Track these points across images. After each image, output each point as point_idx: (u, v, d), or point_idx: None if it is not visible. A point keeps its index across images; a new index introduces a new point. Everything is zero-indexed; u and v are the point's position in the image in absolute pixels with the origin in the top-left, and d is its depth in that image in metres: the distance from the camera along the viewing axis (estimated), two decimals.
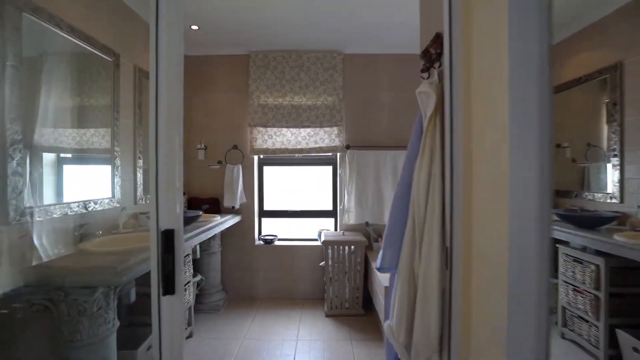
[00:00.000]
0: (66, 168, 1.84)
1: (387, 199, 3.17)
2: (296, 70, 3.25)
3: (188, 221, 2.31)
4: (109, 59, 2.11)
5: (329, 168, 3.48)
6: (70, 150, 1.85)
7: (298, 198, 3.53)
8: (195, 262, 3.02)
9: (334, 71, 3.24)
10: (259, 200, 3.47)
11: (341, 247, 2.91)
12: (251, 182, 3.35)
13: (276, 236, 3.44)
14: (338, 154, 3.36)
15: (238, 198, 3.20)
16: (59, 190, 1.77)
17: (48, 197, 1.71)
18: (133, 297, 1.77)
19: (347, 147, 3.22)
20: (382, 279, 2.33)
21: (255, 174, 3.40)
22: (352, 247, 2.92)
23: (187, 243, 2.03)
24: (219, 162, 3.31)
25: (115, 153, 2.17)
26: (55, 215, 1.69)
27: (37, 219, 1.60)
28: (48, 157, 1.73)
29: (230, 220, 2.96)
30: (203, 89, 3.35)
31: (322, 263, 3.13)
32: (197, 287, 2.86)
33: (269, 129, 3.28)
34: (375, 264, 1.34)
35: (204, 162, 3.32)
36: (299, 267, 3.32)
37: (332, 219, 3.48)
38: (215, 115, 3.35)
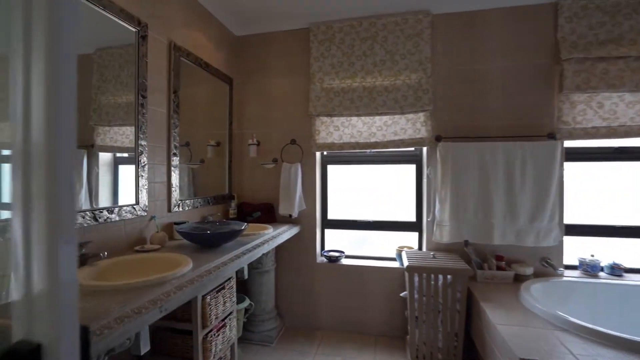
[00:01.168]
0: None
1: (498, 209, 2.25)
2: (368, 43, 2.53)
3: (227, 237, 1.75)
4: (132, 29, 1.66)
5: (412, 167, 2.67)
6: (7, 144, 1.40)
7: (371, 205, 2.80)
8: (243, 283, 2.50)
9: (419, 39, 2.44)
10: (321, 207, 2.83)
11: (432, 276, 2.10)
12: (312, 185, 2.72)
13: (343, 253, 2.75)
14: (425, 149, 2.54)
15: (296, 205, 2.60)
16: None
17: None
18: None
19: (438, 138, 2.39)
20: (505, 332, 1.48)
21: (318, 175, 2.76)
22: (449, 277, 2.08)
23: (225, 269, 1.46)
24: (274, 160, 2.75)
25: (139, 149, 1.71)
26: None
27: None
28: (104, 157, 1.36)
29: (286, 233, 2.37)
30: (256, 73, 2.84)
31: (404, 294, 2.34)
32: (244, 315, 2.31)
33: (334, 118, 2.62)
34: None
35: (257, 160, 2.80)
36: (371, 293, 2.58)
37: (416, 234, 2.67)
38: (270, 104, 2.80)
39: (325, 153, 2.81)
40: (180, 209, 2.05)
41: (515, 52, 2.32)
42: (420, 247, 2.63)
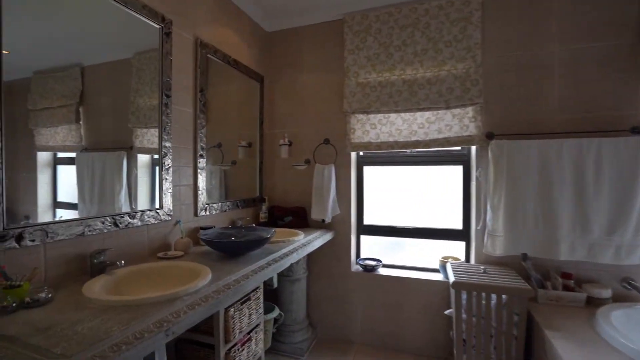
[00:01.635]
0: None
1: (565, 219, 1.91)
2: (409, 31, 2.28)
3: (253, 246, 1.62)
4: (156, 25, 1.59)
5: (459, 168, 2.38)
6: (69, 147, 1.35)
7: (411, 211, 2.55)
8: (273, 292, 2.38)
9: (467, 23, 2.15)
10: (357, 211, 2.63)
11: (484, 295, 1.82)
12: (347, 188, 2.53)
13: (380, 262, 2.53)
14: (473, 148, 2.24)
15: (329, 209, 2.43)
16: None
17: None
18: None
19: (490, 135, 2.09)
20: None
21: (353, 177, 2.56)
22: (504, 296, 1.79)
23: (247, 283, 1.33)
24: (307, 162, 2.61)
25: (163, 150, 1.64)
26: (62, 237, 1.19)
27: (30, 242, 1.10)
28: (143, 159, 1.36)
29: (318, 240, 2.20)
30: (287, 70, 2.71)
31: (449, 312, 2.08)
32: (274, 325, 2.19)
33: (371, 115, 2.41)
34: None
35: (289, 162, 2.67)
36: (411, 307, 2.34)
37: (463, 243, 2.37)
38: (302, 102, 2.66)
39: (361, 153, 2.61)
40: (208, 213, 1.97)
41: (587, 31, 1.95)
42: (467, 259, 2.34)
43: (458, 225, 2.38)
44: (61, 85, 1.20)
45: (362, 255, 2.65)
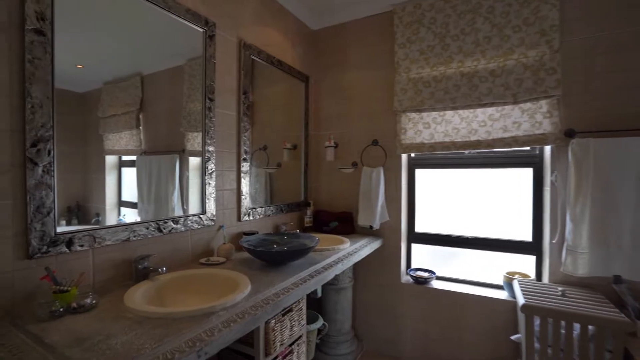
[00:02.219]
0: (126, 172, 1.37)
1: None
2: (468, 17, 2.04)
3: (295, 255, 1.53)
4: (199, 29, 1.57)
5: (528, 171, 2.07)
6: (131, 151, 1.37)
7: (469, 218, 2.28)
8: (317, 301, 2.28)
9: (542, 2, 1.85)
10: (408, 218, 2.43)
11: (564, 323, 1.53)
12: (397, 192, 2.35)
13: (434, 273, 2.31)
14: (548, 148, 1.93)
15: (377, 215, 2.27)
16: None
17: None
18: None
19: (570, 133, 1.77)
20: None
21: (403, 181, 2.37)
22: (591, 327, 1.48)
23: (288, 297, 1.24)
24: (354, 164, 2.47)
25: (206, 155, 1.62)
26: (108, 243, 1.20)
27: (79, 248, 1.12)
28: (194, 162, 1.34)
29: (365, 249, 2.06)
30: (333, 69, 2.60)
31: (516, 337, 1.81)
32: (317, 335, 2.09)
33: (424, 114, 2.20)
34: None
35: (335, 164, 2.55)
36: (469, 327, 2.09)
37: (532, 258, 2.06)
38: (348, 101, 2.53)
39: (412, 155, 2.41)
40: (251, 218, 1.93)
41: None
42: (539, 277, 2.02)
43: (526, 236, 2.07)
44: (125, 94, 1.28)
45: (413, 265, 2.44)
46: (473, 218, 2.26)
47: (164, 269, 1.24)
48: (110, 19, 1.25)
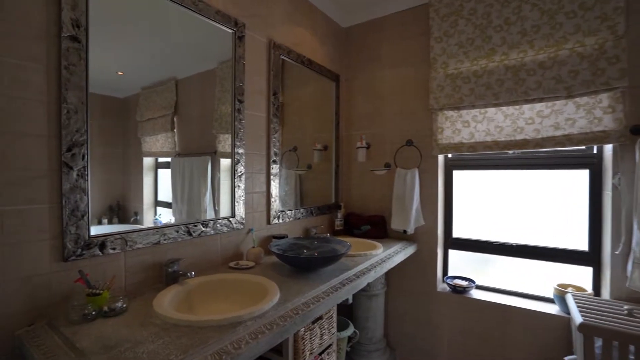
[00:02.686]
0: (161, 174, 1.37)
1: None
2: (514, 5, 1.87)
3: (325, 262, 1.47)
4: (229, 30, 1.56)
5: (583, 173, 1.86)
6: (166, 153, 1.37)
7: (514, 224, 2.10)
8: (347, 307, 2.20)
9: None
10: (445, 222, 2.29)
11: (633, 347, 1.34)
12: (433, 195, 2.21)
13: (473, 282, 2.15)
14: (609, 147, 1.72)
15: (412, 219, 2.15)
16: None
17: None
18: None
19: (638, 130, 1.55)
20: None
21: (440, 183, 2.23)
22: None
23: (317, 307, 1.18)
24: (387, 166, 2.37)
25: (236, 157, 1.60)
26: (139, 246, 1.20)
27: (111, 251, 1.13)
28: (225, 163, 1.35)
29: (399, 255, 1.95)
30: (364, 67, 2.51)
31: (571, 358, 1.62)
32: (348, 343, 2.01)
33: (463, 111, 2.06)
34: None
35: (366, 166, 2.46)
36: (514, 344, 1.91)
37: (590, 269, 1.85)
38: (381, 100, 2.43)
39: (450, 156, 2.26)
40: (281, 221, 1.90)
41: None
42: (597, 292, 1.81)
43: (581, 245, 1.86)
44: (161, 98, 1.31)
45: (450, 273, 2.29)
46: (517, 224, 2.08)
47: (193, 273, 1.23)
48: (145, 24, 1.26)
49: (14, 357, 0.94)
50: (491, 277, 2.16)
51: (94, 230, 1.10)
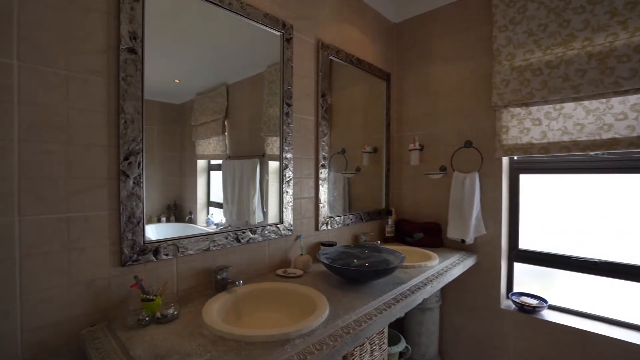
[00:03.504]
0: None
1: None
2: None
3: (376, 275, 1.37)
4: (277, 33, 1.53)
5: None
6: (218, 155, 1.38)
7: (594, 235, 1.81)
8: (398, 320, 2.07)
9: None
10: (509, 232, 2.05)
11: None
12: (496, 202, 2.00)
13: (544, 301, 1.89)
14: None
15: (472, 227, 1.96)
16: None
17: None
18: None
19: None
20: None
21: (504, 188, 2.01)
22: None
23: (370, 326, 1.09)
24: (442, 169, 2.19)
25: (284, 162, 1.57)
26: (190, 252, 1.22)
27: (164, 256, 1.15)
28: (273, 165, 1.37)
29: (458, 267, 1.78)
30: (417, 63, 2.35)
31: None
32: (399, 359, 1.89)
33: (533, 108, 1.82)
34: None
35: (420, 169, 2.31)
36: None
37: None
38: (435, 98, 2.26)
39: (516, 158, 2.02)
40: (329, 227, 1.84)
41: None
42: None
43: None
44: (213, 102, 1.35)
45: (516, 289, 2.05)
46: (597, 236, 1.78)
47: (241, 281, 1.21)
48: (198, 33, 1.28)
49: (79, 355, 0.99)
50: (552, 293, 1.89)
51: (154, 228, 1.15)
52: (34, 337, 0.92)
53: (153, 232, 1.16)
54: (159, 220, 1.19)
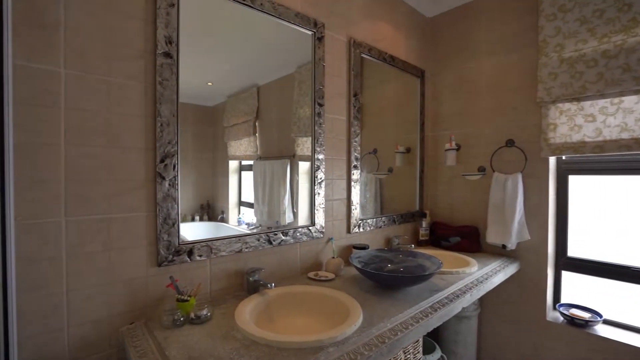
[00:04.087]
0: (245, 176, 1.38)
1: None
2: None
3: (411, 281, 1.31)
4: (308, 32, 1.51)
5: None
6: (249, 156, 1.38)
7: None
8: (433, 329, 1.98)
9: None
10: (557, 238, 1.90)
11: None
12: (541, 205, 1.85)
13: (599, 316, 1.73)
14: None
15: (514, 232, 1.83)
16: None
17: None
18: None
19: None
20: None
21: (551, 191, 1.86)
22: None
23: (405, 336, 1.04)
24: (481, 170, 2.07)
25: (316, 163, 1.55)
26: (223, 254, 1.22)
27: (198, 257, 1.16)
28: (303, 166, 1.40)
29: (499, 275, 1.67)
30: (453, 59, 2.23)
31: None
32: None
33: (586, 103, 1.67)
34: None
35: (457, 170, 2.20)
36: None
37: None
38: (473, 95, 2.13)
39: (564, 158, 1.86)
40: (361, 230, 1.79)
41: None
42: None
43: None
44: (244, 104, 1.36)
45: (564, 300, 1.89)
46: None
47: (273, 284, 1.19)
48: (229, 36, 1.29)
49: (119, 350, 1.02)
50: (606, 306, 1.71)
51: (188, 226, 1.17)
52: (78, 332, 0.96)
53: (187, 230, 1.18)
54: (192, 219, 1.21)
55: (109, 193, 1.00)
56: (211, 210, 1.27)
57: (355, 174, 1.77)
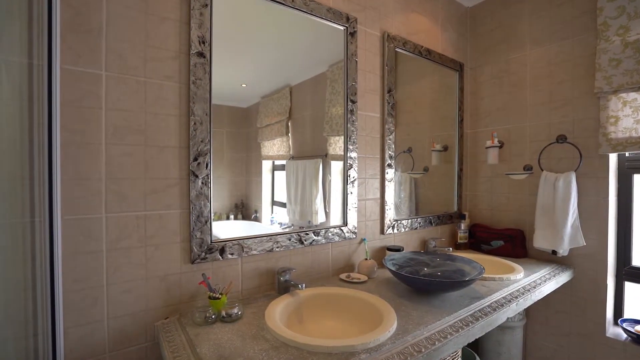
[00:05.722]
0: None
1: None
2: None
3: (450, 287, 1.22)
4: (340, 27, 1.47)
5: None
6: (282, 156, 1.37)
7: None
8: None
9: None
10: (617, 244, 1.70)
11: None
12: (599, 207, 1.67)
13: None
14: None
15: (566, 237, 1.67)
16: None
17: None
18: None
19: None
20: None
21: (612, 191, 1.67)
22: None
23: (444, 346, 0.97)
24: (527, 169, 1.91)
25: (348, 162, 1.50)
26: (254, 252, 1.22)
27: (230, 256, 1.17)
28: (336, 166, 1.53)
29: (549, 283, 1.52)
30: (494, 50, 2.08)
31: None
32: None
33: None
34: None
35: (498, 169, 2.05)
36: None
37: None
38: (517, 89, 1.98)
39: (628, 154, 1.67)
40: (395, 231, 1.72)
41: None
42: None
43: None
44: (277, 104, 1.36)
45: (628, 315, 1.69)
46: None
47: (303, 285, 1.17)
48: (262, 35, 1.29)
49: (153, 344, 1.05)
50: None
51: (223, 225, 1.19)
52: (117, 324, 0.99)
53: (222, 229, 1.19)
54: (227, 218, 1.23)
55: (145, 190, 1.03)
56: (245, 209, 1.28)
57: (390, 173, 1.70)
